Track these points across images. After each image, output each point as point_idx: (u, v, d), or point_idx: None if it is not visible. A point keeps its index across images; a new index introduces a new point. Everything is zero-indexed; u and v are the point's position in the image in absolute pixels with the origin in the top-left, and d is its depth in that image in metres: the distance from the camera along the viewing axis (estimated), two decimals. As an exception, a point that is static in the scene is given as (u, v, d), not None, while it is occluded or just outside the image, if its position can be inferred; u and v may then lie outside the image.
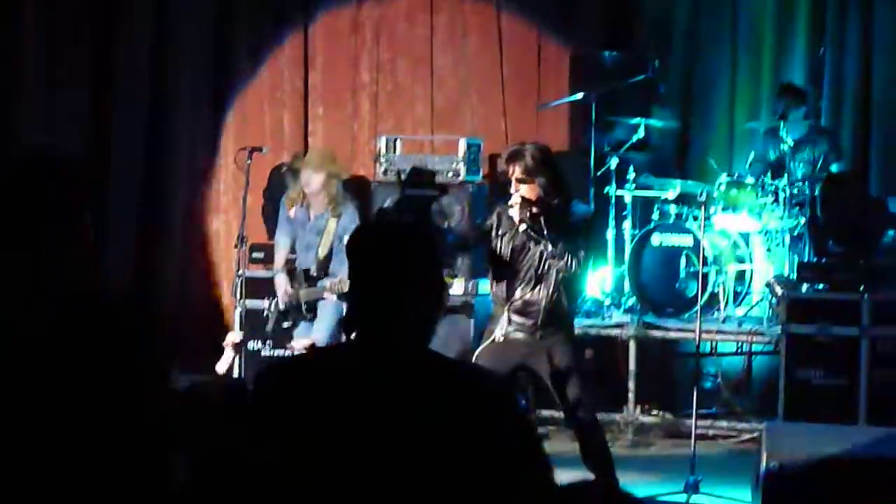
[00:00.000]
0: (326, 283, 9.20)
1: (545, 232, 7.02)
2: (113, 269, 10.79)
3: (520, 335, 7.16)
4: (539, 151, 7.09)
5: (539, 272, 7.10)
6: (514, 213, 7.07)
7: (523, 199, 7.03)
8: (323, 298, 9.25)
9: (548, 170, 7.06)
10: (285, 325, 9.41)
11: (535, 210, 7.03)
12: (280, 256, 9.56)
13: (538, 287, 7.11)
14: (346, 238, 9.04)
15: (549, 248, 7.02)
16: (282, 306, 9.38)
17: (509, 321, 7.15)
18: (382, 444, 2.99)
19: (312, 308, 9.32)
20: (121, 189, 11.23)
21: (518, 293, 7.14)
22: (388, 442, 2.99)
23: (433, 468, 2.99)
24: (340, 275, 9.08)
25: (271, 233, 9.90)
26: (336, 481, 3.00)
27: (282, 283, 9.43)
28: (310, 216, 9.44)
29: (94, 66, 11.34)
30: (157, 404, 2.93)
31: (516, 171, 7.04)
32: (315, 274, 9.36)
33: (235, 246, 9.69)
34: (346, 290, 8.99)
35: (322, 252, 9.35)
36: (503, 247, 7.18)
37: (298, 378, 3.13)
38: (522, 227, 7.07)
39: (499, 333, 7.18)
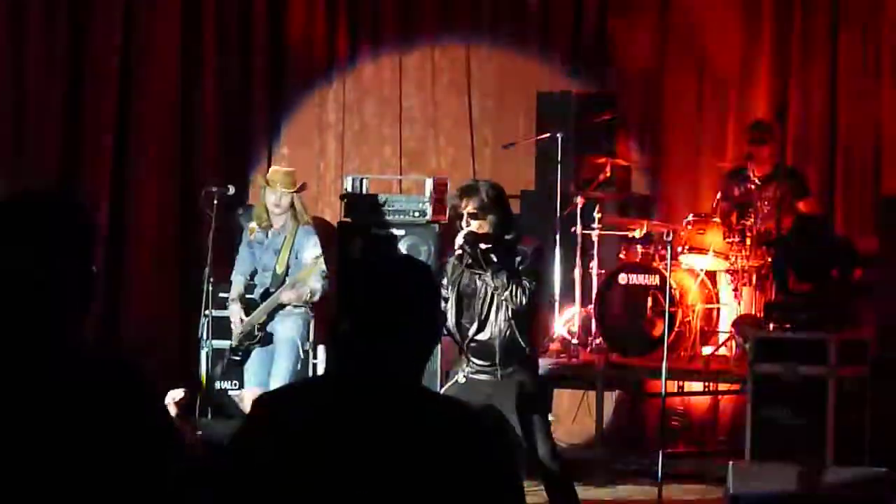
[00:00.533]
0: (285, 295, 9.14)
1: (488, 262, 6.97)
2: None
3: (482, 376, 7.10)
4: (493, 189, 7.07)
5: (487, 311, 7.05)
6: (458, 241, 7.01)
7: (471, 232, 6.98)
8: (280, 309, 9.18)
9: (499, 208, 7.03)
10: (235, 358, 9.30)
11: (482, 246, 6.99)
12: (235, 289, 9.45)
13: (487, 326, 7.06)
14: (302, 254, 9.14)
15: (491, 277, 6.96)
16: (235, 342, 9.28)
17: (469, 363, 7.11)
18: (373, 477, 2.98)
19: (263, 327, 9.22)
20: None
21: (471, 334, 7.09)
22: (380, 476, 2.98)
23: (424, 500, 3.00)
24: (297, 286, 9.08)
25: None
26: None
27: (236, 312, 9.33)
28: (268, 234, 9.39)
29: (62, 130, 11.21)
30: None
31: (469, 206, 6.99)
32: (273, 291, 9.28)
33: (202, 286, 9.66)
34: (314, 299, 9.01)
35: (280, 269, 9.28)
36: (450, 292, 7.13)
37: (292, 407, 3.12)
38: (459, 252, 7.00)
39: (461, 375, 7.14)
